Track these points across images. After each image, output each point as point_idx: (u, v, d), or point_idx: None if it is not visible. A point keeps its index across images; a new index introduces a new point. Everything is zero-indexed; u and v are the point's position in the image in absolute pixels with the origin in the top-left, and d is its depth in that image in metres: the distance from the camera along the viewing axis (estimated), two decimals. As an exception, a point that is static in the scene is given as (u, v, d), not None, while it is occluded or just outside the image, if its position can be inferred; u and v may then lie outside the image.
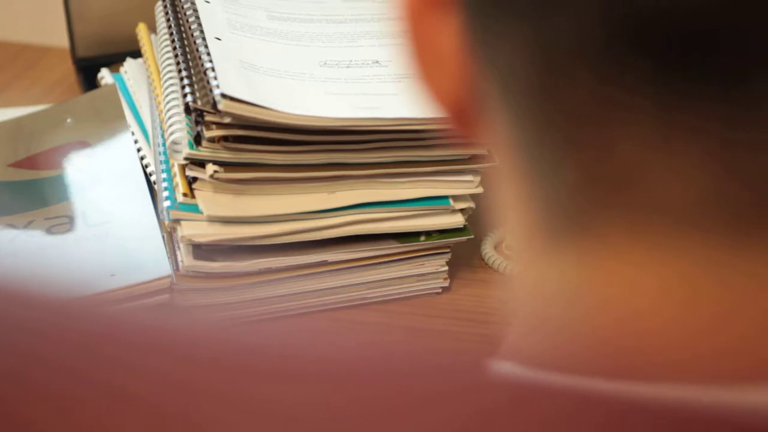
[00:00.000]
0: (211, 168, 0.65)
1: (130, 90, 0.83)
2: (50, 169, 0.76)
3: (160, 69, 0.75)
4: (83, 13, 0.96)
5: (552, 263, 0.29)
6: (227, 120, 0.63)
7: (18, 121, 0.82)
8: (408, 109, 0.66)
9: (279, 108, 0.63)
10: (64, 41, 1.04)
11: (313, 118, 0.64)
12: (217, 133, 0.64)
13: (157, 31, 0.80)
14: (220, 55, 0.67)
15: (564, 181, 0.27)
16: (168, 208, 0.66)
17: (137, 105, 0.81)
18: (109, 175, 0.75)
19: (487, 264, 0.75)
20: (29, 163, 0.77)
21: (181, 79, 0.68)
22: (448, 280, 0.72)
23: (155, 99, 0.76)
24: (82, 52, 0.98)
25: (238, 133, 0.64)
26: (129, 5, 0.98)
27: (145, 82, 0.82)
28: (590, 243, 0.28)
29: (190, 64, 0.69)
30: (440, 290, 0.72)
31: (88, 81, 0.97)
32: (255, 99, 0.63)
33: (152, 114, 0.77)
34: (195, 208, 0.66)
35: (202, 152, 0.65)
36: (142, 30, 0.85)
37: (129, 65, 0.85)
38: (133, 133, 0.78)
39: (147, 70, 0.80)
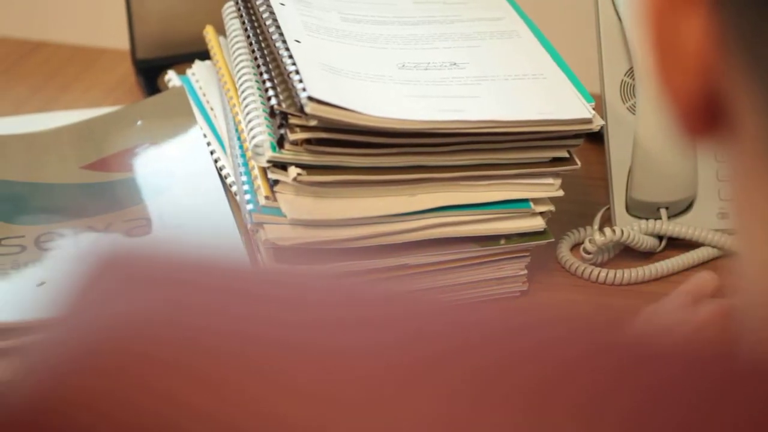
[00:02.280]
0: (294, 171, 0.66)
1: (198, 92, 0.84)
2: (123, 171, 0.78)
3: (234, 71, 0.77)
4: (144, 15, 0.98)
5: None
6: (313, 123, 0.64)
7: (88, 123, 0.84)
8: (490, 111, 0.67)
9: (364, 111, 0.64)
10: (118, 43, 1.05)
11: (398, 121, 0.65)
12: (300, 135, 0.66)
13: (227, 33, 0.82)
14: (302, 57, 0.68)
15: None
16: (251, 211, 0.68)
17: (206, 107, 0.82)
18: (182, 177, 0.76)
19: (563, 267, 0.76)
20: (101, 165, 0.79)
21: (263, 82, 0.69)
22: (527, 284, 0.73)
23: (229, 101, 0.78)
24: (141, 54, 1.00)
25: (321, 136, 0.66)
26: (189, 7, 0.99)
27: (215, 84, 0.83)
28: None
29: (270, 66, 0.71)
30: (518, 294, 0.73)
31: (148, 83, 0.99)
32: (341, 102, 0.64)
33: (226, 116, 0.79)
34: (277, 211, 0.67)
35: (285, 155, 0.67)
36: (210, 32, 0.86)
37: (198, 67, 0.86)
38: (205, 135, 0.79)
39: (218, 72, 0.82)
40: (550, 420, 0.26)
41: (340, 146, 0.66)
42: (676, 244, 0.77)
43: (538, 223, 0.71)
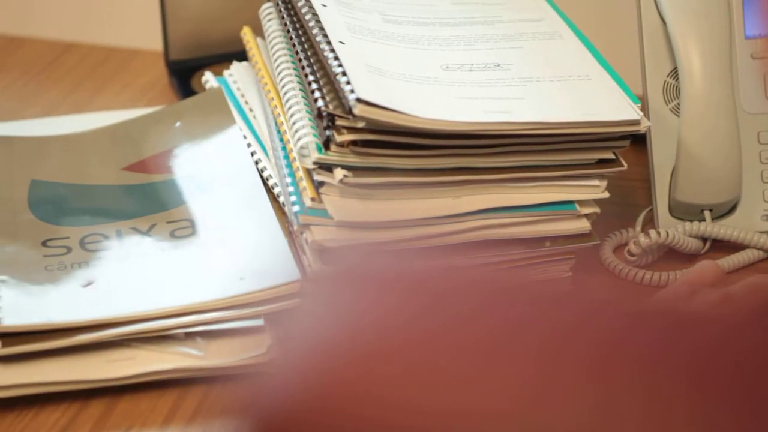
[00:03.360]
0: (340, 173, 0.67)
1: (236, 93, 0.85)
2: (163, 173, 0.78)
3: (275, 73, 0.77)
4: (178, 17, 0.99)
5: None
6: (361, 125, 0.65)
7: (126, 125, 0.85)
8: (538, 112, 0.68)
9: (413, 112, 0.65)
10: (150, 44, 1.06)
11: (446, 123, 0.65)
12: (347, 137, 0.66)
13: (266, 34, 0.82)
14: (347, 59, 0.69)
15: None
16: (297, 212, 0.68)
17: (244, 108, 0.83)
18: (223, 178, 0.77)
19: (607, 269, 0.76)
20: (141, 166, 0.79)
21: (309, 83, 0.70)
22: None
23: (270, 103, 0.78)
24: (174, 55, 1.01)
25: (368, 138, 0.66)
26: (222, 8, 1.00)
27: (254, 86, 0.84)
28: None
29: (315, 68, 0.71)
30: (562, 296, 0.74)
31: (182, 84, 0.99)
32: (389, 103, 0.64)
33: (266, 117, 0.79)
34: (323, 213, 0.68)
35: (331, 157, 0.67)
36: (248, 33, 0.87)
37: (235, 68, 0.87)
38: (245, 136, 0.80)
39: (257, 73, 0.82)
40: (615, 375, 0.32)
41: (386, 148, 0.67)
42: (720, 247, 0.77)
43: (583, 226, 0.71)
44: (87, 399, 0.64)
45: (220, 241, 0.72)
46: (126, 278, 0.68)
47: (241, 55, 0.98)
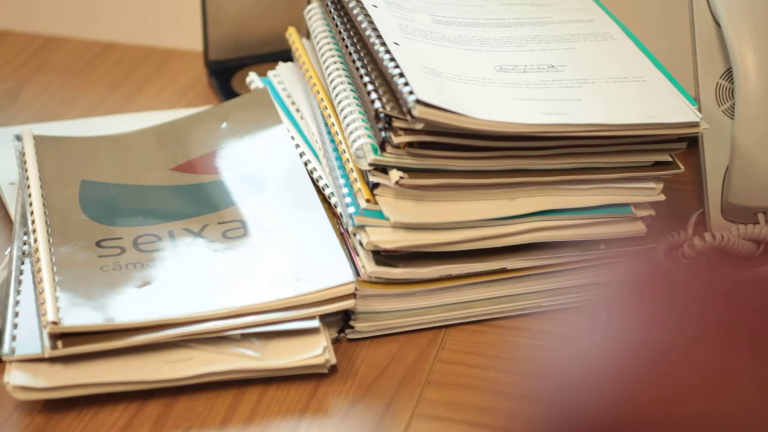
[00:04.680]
0: (396, 174, 0.68)
1: (282, 93, 0.85)
2: (212, 174, 0.79)
3: (325, 74, 0.78)
4: (219, 17, 1.00)
5: None
6: (419, 126, 0.66)
7: (172, 125, 0.85)
8: (597, 114, 0.68)
9: (472, 114, 0.65)
10: (186, 44, 1.07)
11: (506, 124, 0.66)
12: (404, 139, 0.67)
13: (313, 35, 0.83)
14: (403, 60, 0.69)
15: None
16: (353, 213, 0.69)
17: (290, 108, 0.84)
18: (273, 179, 0.78)
19: (659, 272, 0.77)
20: (189, 167, 0.80)
21: (364, 85, 0.70)
22: (625, 289, 0.74)
23: (319, 104, 0.79)
24: (214, 56, 1.02)
25: (424, 139, 0.67)
26: (262, 8, 1.01)
27: (301, 86, 0.84)
28: None
29: (369, 69, 0.72)
30: (616, 299, 0.74)
31: (221, 84, 1.00)
32: (448, 105, 0.65)
33: (315, 118, 0.80)
34: (378, 214, 0.69)
35: (387, 158, 0.68)
36: (293, 34, 0.88)
37: (281, 68, 0.87)
38: (293, 137, 0.81)
39: (305, 74, 0.83)
40: None
41: (441, 149, 0.68)
42: (774, 250, 0.77)
43: (639, 228, 0.72)
44: (145, 399, 0.65)
45: (273, 242, 0.72)
46: (181, 279, 0.69)
47: (280, 55, 0.99)
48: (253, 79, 0.89)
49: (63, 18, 1.10)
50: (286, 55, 0.96)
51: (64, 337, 0.64)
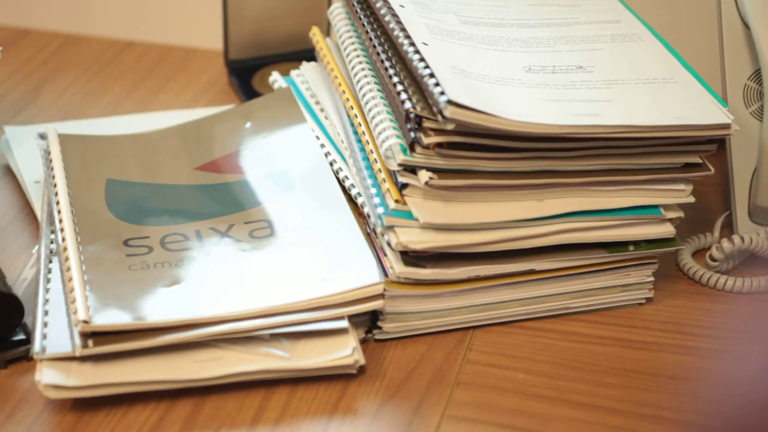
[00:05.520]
0: (425, 175, 0.68)
1: (305, 93, 0.86)
2: (236, 173, 0.80)
3: (351, 74, 0.78)
4: (239, 16, 1.00)
5: None
6: (450, 127, 0.66)
7: (196, 125, 0.86)
8: (628, 116, 0.69)
9: (503, 115, 0.66)
10: (206, 43, 1.08)
11: (538, 125, 0.66)
12: (435, 139, 0.67)
13: (338, 35, 0.83)
14: (433, 60, 0.70)
15: None
16: (382, 214, 0.69)
17: (314, 108, 0.84)
18: (299, 179, 0.78)
19: (686, 274, 0.77)
20: (214, 166, 0.81)
21: (394, 85, 0.71)
22: (653, 291, 0.74)
23: (345, 104, 0.79)
24: (234, 55, 1.02)
25: (454, 140, 0.67)
26: (282, 8, 1.02)
27: (325, 86, 0.85)
28: None
29: (398, 69, 0.72)
30: (644, 301, 0.75)
31: (242, 83, 1.01)
32: (479, 106, 0.66)
33: (341, 118, 0.80)
34: (407, 215, 0.69)
35: (416, 159, 0.68)
36: (317, 33, 0.88)
37: (305, 68, 0.88)
38: (318, 138, 0.81)
39: (330, 74, 0.83)
40: None
41: (471, 150, 0.68)
42: (802, 252, 0.78)
43: (667, 230, 0.72)
44: (174, 399, 0.66)
45: (300, 241, 0.73)
46: (209, 279, 0.69)
47: (299, 55, 1.00)
48: (276, 78, 0.90)
49: (82, 16, 1.11)
50: (306, 55, 0.96)
51: (94, 335, 0.64)
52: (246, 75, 1.02)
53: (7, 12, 1.10)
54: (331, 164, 0.79)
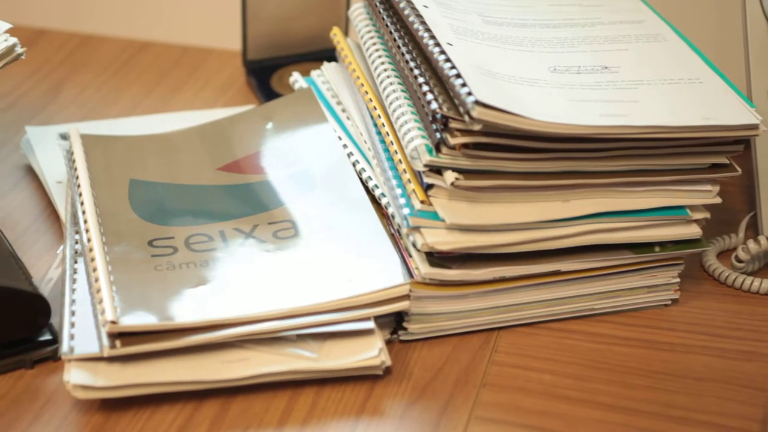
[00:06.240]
0: (452, 175, 0.68)
1: (326, 93, 0.86)
2: (259, 173, 0.80)
3: (374, 74, 0.79)
4: (258, 16, 1.01)
5: None
6: (477, 127, 0.66)
7: (215, 125, 0.86)
8: (656, 116, 0.69)
9: (531, 115, 0.66)
10: (223, 43, 1.08)
11: (566, 126, 0.67)
12: (461, 140, 0.68)
13: (360, 35, 0.84)
14: (459, 61, 0.70)
15: None
16: (408, 215, 0.70)
17: (335, 108, 0.85)
18: (321, 180, 0.78)
19: (711, 275, 0.77)
20: (236, 167, 0.81)
21: (420, 85, 0.71)
22: (678, 292, 0.75)
23: (368, 104, 0.80)
24: (252, 55, 1.03)
25: (481, 141, 0.68)
26: (300, 8, 1.02)
27: (347, 86, 0.85)
28: None
29: (423, 69, 0.73)
30: (669, 302, 0.75)
31: (260, 83, 1.01)
32: (506, 106, 0.66)
33: (364, 118, 0.81)
34: (433, 216, 0.70)
35: (442, 159, 0.69)
36: (338, 34, 0.88)
37: (326, 68, 0.88)
38: (340, 138, 0.81)
39: (351, 74, 0.84)
40: None
41: (496, 150, 0.68)
42: (827, 254, 0.78)
43: (694, 231, 0.72)
44: (201, 399, 0.66)
45: (324, 242, 0.73)
46: (235, 279, 0.70)
47: (317, 55, 1.01)
48: (296, 78, 0.90)
49: (99, 17, 1.11)
50: (324, 55, 0.97)
51: (122, 336, 0.64)
52: (264, 75, 1.02)
53: (24, 12, 1.10)
54: (354, 164, 0.79)
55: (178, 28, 1.10)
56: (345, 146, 0.81)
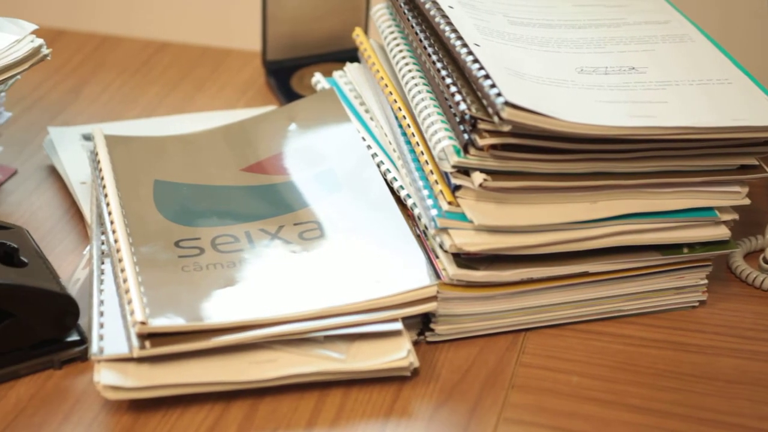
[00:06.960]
0: (480, 177, 0.69)
1: (349, 94, 0.87)
2: (283, 174, 0.80)
3: (399, 75, 0.79)
4: (278, 17, 1.01)
5: None
6: (506, 128, 0.67)
7: (241, 126, 0.87)
8: (685, 117, 0.69)
9: (560, 116, 0.66)
10: (242, 43, 1.09)
11: (595, 127, 0.67)
12: (490, 141, 0.68)
13: (383, 36, 0.84)
14: (486, 61, 0.70)
15: None
16: (436, 216, 0.70)
17: (359, 109, 0.85)
18: (346, 180, 0.79)
19: (738, 277, 0.77)
20: (260, 167, 0.81)
21: (448, 86, 0.71)
22: (707, 294, 0.75)
23: (392, 105, 0.80)
24: (272, 55, 1.03)
25: (509, 142, 0.68)
26: (319, 8, 1.03)
27: (370, 87, 0.85)
28: None
29: (450, 70, 0.73)
30: (697, 304, 0.75)
31: (280, 84, 1.02)
32: (536, 107, 0.66)
33: (388, 119, 0.81)
34: (461, 217, 0.70)
35: (470, 160, 0.69)
36: (360, 34, 0.89)
37: (348, 69, 0.89)
38: (364, 139, 0.82)
39: (375, 75, 0.84)
40: None
41: (525, 151, 0.69)
42: None
43: (722, 232, 0.73)
44: (229, 400, 0.66)
45: (351, 243, 0.73)
46: (262, 280, 0.70)
47: (337, 55, 1.01)
48: (319, 79, 0.90)
49: (118, 17, 1.12)
50: (344, 56, 0.97)
51: (151, 337, 0.65)
52: (284, 76, 1.03)
53: (43, 13, 1.11)
54: (378, 165, 0.79)
55: (197, 28, 1.11)
56: (369, 147, 0.81)
